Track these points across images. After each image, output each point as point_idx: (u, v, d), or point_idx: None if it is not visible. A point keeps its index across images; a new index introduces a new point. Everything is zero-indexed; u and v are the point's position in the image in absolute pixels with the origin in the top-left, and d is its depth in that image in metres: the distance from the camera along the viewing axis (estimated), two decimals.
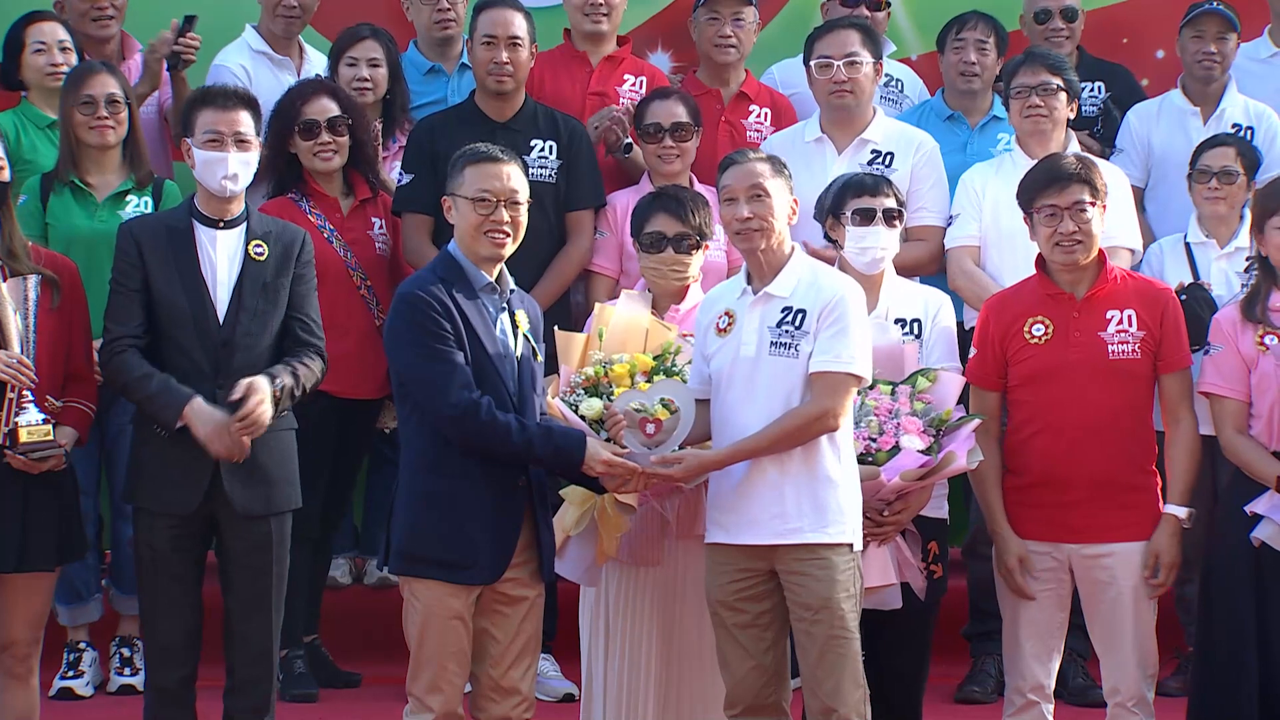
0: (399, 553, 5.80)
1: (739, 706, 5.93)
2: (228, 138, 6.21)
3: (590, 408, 6.04)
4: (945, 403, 6.20)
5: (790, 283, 5.87)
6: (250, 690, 6.31)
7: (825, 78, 7.48)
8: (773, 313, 5.85)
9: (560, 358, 6.24)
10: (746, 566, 5.85)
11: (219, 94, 6.34)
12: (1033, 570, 6.28)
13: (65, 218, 7.23)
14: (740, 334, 5.86)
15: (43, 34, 7.64)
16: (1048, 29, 8.23)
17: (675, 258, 6.41)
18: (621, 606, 6.27)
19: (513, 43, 7.52)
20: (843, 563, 5.80)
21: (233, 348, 6.21)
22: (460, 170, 5.92)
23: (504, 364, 5.81)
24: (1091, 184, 6.27)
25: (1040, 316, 6.29)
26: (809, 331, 5.79)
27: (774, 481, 5.80)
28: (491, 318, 5.84)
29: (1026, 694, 6.34)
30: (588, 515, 6.13)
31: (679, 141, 7.50)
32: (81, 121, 7.24)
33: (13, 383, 6.01)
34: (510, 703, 5.88)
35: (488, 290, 5.86)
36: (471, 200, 5.83)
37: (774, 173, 5.95)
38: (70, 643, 7.51)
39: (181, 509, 6.19)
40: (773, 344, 5.81)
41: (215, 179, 6.22)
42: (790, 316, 5.83)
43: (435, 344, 5.71)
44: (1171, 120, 8.15)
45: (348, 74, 7.80)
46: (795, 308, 5.83)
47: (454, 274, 5.83)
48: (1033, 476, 6.28)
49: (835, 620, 5.77)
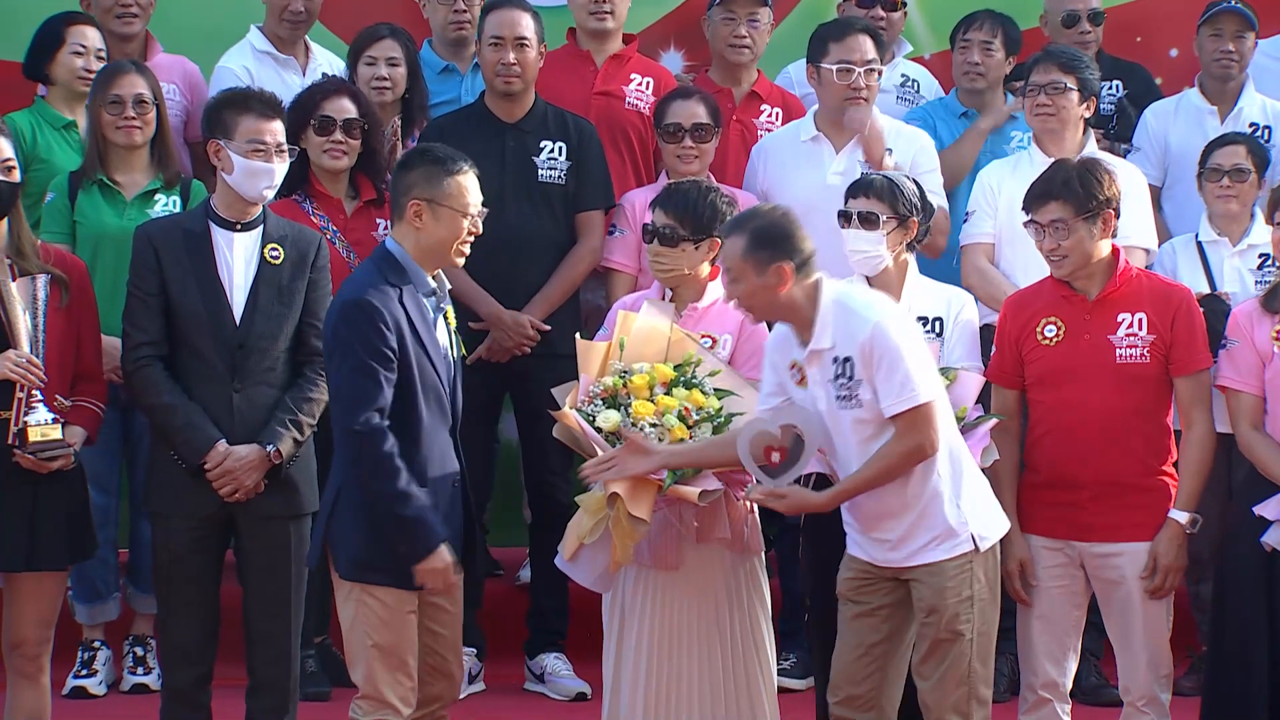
0: (353, 561, 5.79)
1: (839, 694, 5.96)
2: (272, 148, 6.25)
3: (607, 419, 6.04)
4: (963, 401, 6.20)
5: (827, 332, 5.80)
6: (271, 691, 6.34)
7: (844, 83, 7.45)
8: (826, 367, 5.81)
9: (580, 366, 6.21)
10: (871, 570, 5.91)
11: (258, 100, 6.34)
12: (1032, 577, 6.26)
13: (94, 216, 7.25)
14: (812, 389, 5.85)
15: (85, 38, 7.65)
16: (1076, 32, 8.23)
17: (657, 249, 6.38)
18: (645, 608, 6.25)
19: (520, 43, 7.51)
20: (952, 568, 5.81)
21: (249, 351, 6.24)
22: (441, 180, 5.80)
23: (442, 364, 5.83)
24: (1076, 200, 6.18)
25: (1053, 317, 6.28)
26: (861, 379, 5.75)
27: (890, 509, 5.82)
28: (432, 320, 5.83)
29: (1039, 691, 6.32)
30: (602, 524, 6.11)
31: (699, 142, 7.49)
32: (109, 121, 7.25)
33: (22, 382, 6.03)
34: (445, 684, 5.96)
35: (430, 293, 5.84)
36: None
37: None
38: (85, 641, 7.51)
39: (199, 511, 6.22)
40: (838, 398, 5.80)
41: (257, 188, 6.26)
42: (840, 368, 5.78)
43: (369, 359, 5.66)
44: (1189, 119, 8.13)
45: (366, 73, 7.81)
46: (840, 357, 5.77)
47: (401, 277, 5.77)
48: (1045, 475, 6.27)
49: (944, 623, 5.80)
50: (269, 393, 6.27)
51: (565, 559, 6.23)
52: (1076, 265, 6.24)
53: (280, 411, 6.25)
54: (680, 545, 6.23)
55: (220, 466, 6.17)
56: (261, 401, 6.26)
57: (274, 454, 6.20)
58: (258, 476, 6.20)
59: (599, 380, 6.15)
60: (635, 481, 5.98)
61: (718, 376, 6.17)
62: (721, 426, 6.09)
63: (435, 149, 5.94)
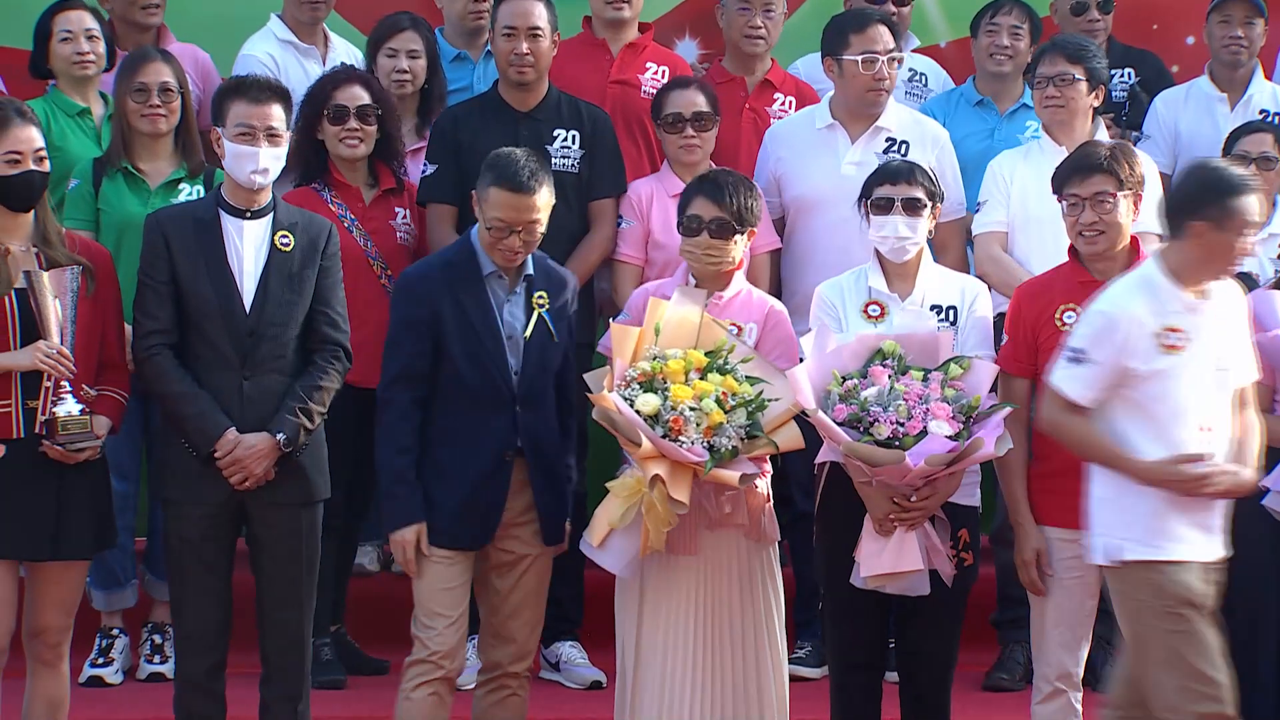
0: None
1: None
2: (259, 131, 6.24)
3: (647, 404, 6.05)
4: (977, 390, 6.19)
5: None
6: (284, 678, 6.36)
7: (869, 73, 7.45)
8: None
9: (614, 350, 6.23)
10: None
11: (252, 85, 6.35)
12: (1047, 566, 6.27)
13: (118, 204, 7.25)
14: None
15: (69, 22, 7.63)
16: (1085, 20, 8.22)
17: (710, 242, 6.37)
18: (657, 595, 6.26)
19: (533, 33, 7.50)
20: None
21: (259, 338, 6.25)
22: (488, 185, 6.19)
23: (504, 345, 6.17)
24: (1118, 175, 6.24)
25: (1072, 304, 6.26)
26: None
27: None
28: (498, 301, 6.18)
29: (1054, 681, 6.33)
30: (634, 509, 6.13)
31: (700, 131, 7.48)
32: (134, 109, 7.26)
33: (52, 373, 6.04)
34: (507, 650, 6.30)
35: (493, 277, 6.18)
36: (488, 222, 6.18)
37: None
38: (103, 628, 7.53)
39: (211, 499, 6.23)
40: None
41: (244, 173, 6.25)
42: None
43: (399, 330, 6.24)
44: (1199, 106, 8.14)
45: (387, 65, 7.80)
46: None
47: (463, 259, 6.23)
48: (1058, 463, 6.24)
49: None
50: (279, 380, 6.28)
51: (594, 545, 6.24)
52: (1110, 242, 6.24)
53: (290, 399, 6.26)
54: (697, 531, 6.24)
55: (230, 455, 6.18)
56: (271, 389, 6.26)
57: (283, 442, 6.22)
58: (268, 465, 6.22)
59: (634, 365, 6.16)
60: (675, 465, 6.00)
61: (749, 364, 6.18)
62: (755, 412, 6.10)
63: (509, 167, 6.21)
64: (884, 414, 6.04)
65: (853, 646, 6.43)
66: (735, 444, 6.07)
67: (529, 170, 6.17)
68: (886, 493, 6.15)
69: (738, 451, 6.07)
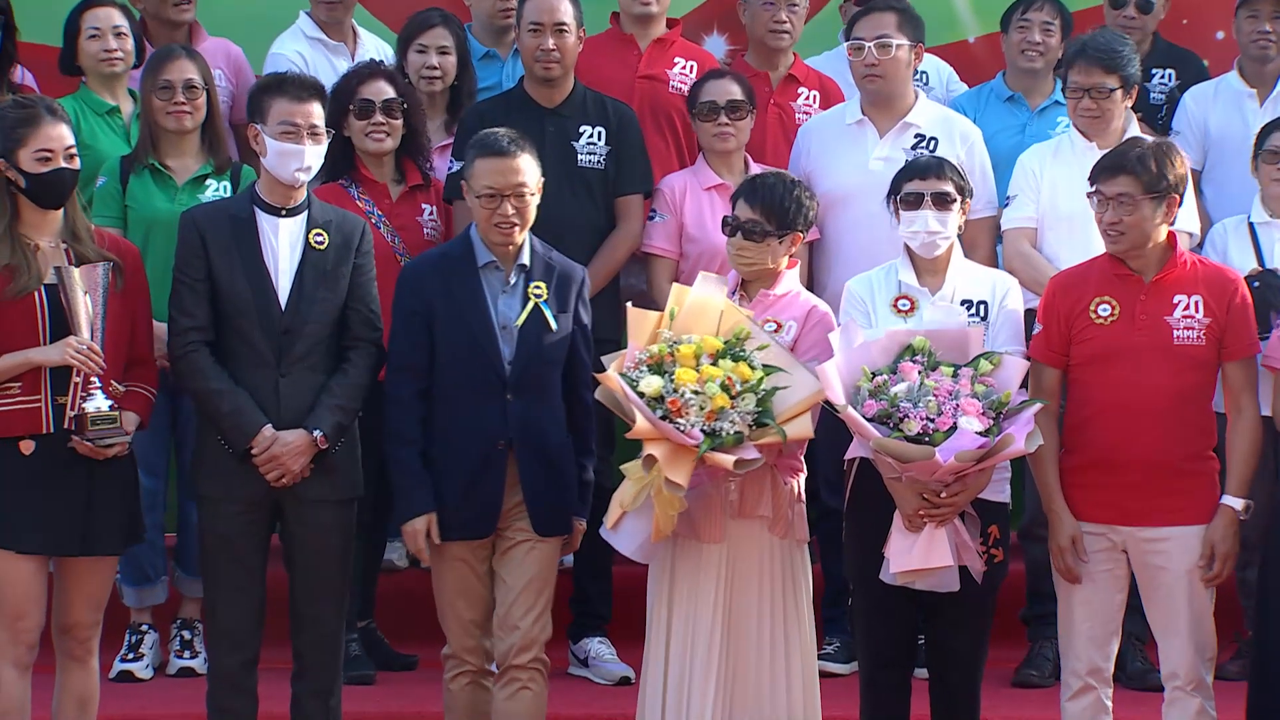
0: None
1: None
2: (303, 129, 6.25)
3: (649, 385, 6.04)
4: (1007, 385, 6.15)
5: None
6: (317, 674, 6.38)
7: (858, 59, 7.48)
8: None
9: (630, 334, 6.23)
10: None
11: (293, 83, 6.36)
12: (1083, 553, 6.25)
13: (145, 200, 7.27)
14: None
15: (97, 19, 7.65)
16: (1121, 15, 8.20)
17: (742, 243, 6.37)
18: (684, 586, 6.26)
19: (559, 29, 7.50)
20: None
21: (295, 335, 6.26)
22: (472, 160, 6.25)
23: (496, 334, 6.22)
24: (1144, 177, 6.19)
25: (1107, 297, 6.25)
26: None
27: None
28: (493, 291, 6.23)
29: (1083, 677, 6.31)
30: (644, 492, 6.12)
31: (734, 120, 7.49)
32: (159, 106, 7.28)
33: (82, 369, 6.06)
34: (511, 639, 6.26)
35: (489, 268, 6.24)
36: (478, 195, 6.19)
37: None
38: (133, 624, 7.54)
39: (247, 495, 6.25)
40: None
41: (288, 170, 6.27)
42: None
43: (398, 322, 6.32)
44: (1228, 102, 8.10)
45: (417, 61, 7.81)
46: None
47: (460, 250, 6.31)
48: (1089, 457, 6.25)
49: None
50: (314, 378, 6.29)
51: (608, 528, 6.24)
52: (1132, 244, 6.22)
53: (325, 396, 6.27)
54: (723, 518, 6.24)
55: (267, 452, 6.19)
56: (307, 386, 6.28)
57: (320, 439, 6.23)
58: (304, 461, 6.23)
59: (646, 347, 6.17)
60: (674, 446, 6.00)
61: (766, 351, 6.17)
62: (765, 399, 6.09)
63: (486, 137, 6.29)
64: (914, 410, 6.02)
65: (883, 643, 6.42)
66: (740, 430, 6.05)
67: (509, 138, 6.25)
68: (916, 489, 6.13)
69: (742, 437, 6.05)
